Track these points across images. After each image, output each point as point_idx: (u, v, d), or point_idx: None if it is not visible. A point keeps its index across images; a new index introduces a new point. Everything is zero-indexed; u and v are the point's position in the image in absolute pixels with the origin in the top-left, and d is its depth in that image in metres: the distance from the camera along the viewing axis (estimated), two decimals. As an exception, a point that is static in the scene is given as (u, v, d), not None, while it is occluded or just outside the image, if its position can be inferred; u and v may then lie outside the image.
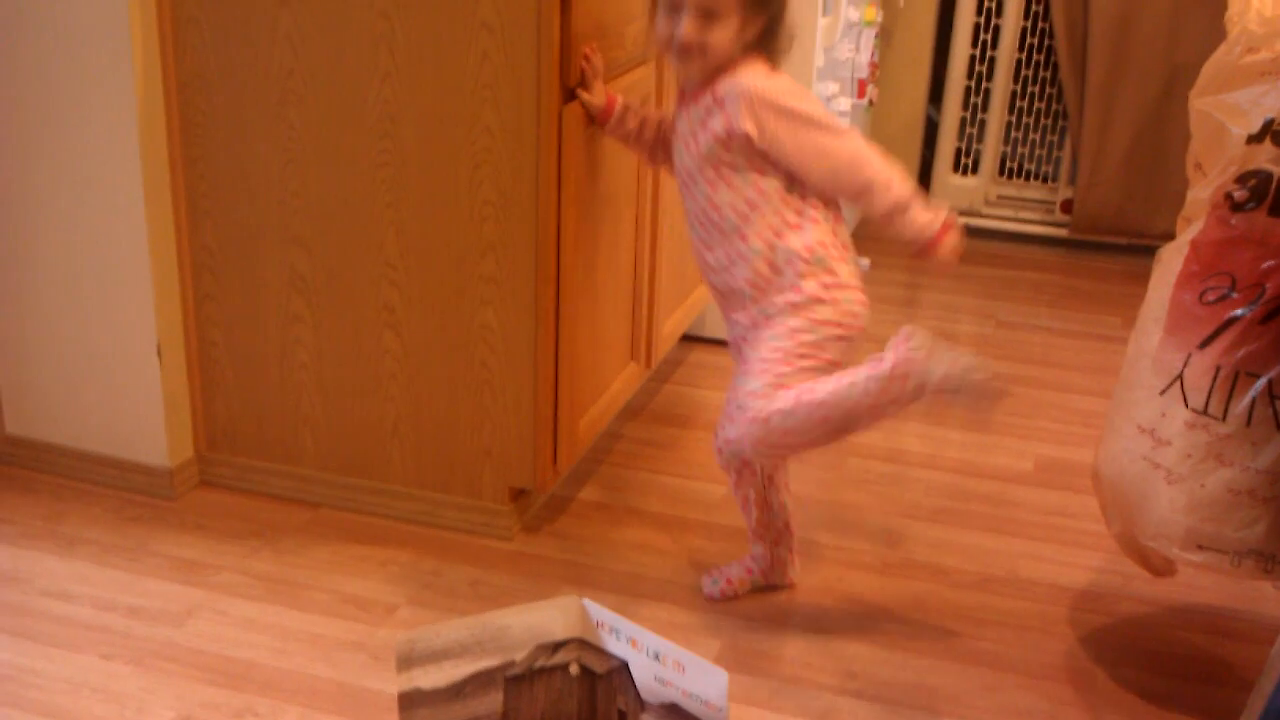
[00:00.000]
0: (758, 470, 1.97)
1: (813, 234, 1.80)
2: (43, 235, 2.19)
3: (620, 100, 2.00)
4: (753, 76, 1.77)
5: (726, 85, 1.77)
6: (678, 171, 1.87)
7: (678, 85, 1.90)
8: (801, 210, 1.81)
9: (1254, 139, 1.62)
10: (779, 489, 2.01)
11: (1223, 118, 1.67)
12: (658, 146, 2.02)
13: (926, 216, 1.80)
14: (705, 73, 1.78)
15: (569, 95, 1.97)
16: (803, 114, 1.76)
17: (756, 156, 1.78)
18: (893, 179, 1.78)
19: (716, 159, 1.79)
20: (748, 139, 1.76)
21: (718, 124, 1.78)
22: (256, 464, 2.28)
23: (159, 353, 2.19)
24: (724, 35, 1.74)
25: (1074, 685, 1.87)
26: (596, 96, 1.98)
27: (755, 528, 2.03)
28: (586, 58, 1.96)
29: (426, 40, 1.95)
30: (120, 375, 2.23)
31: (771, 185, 1.79)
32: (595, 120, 2.01)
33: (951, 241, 1.82)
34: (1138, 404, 1.75)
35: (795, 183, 1.80)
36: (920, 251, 1.82)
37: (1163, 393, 1.71)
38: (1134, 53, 3.54)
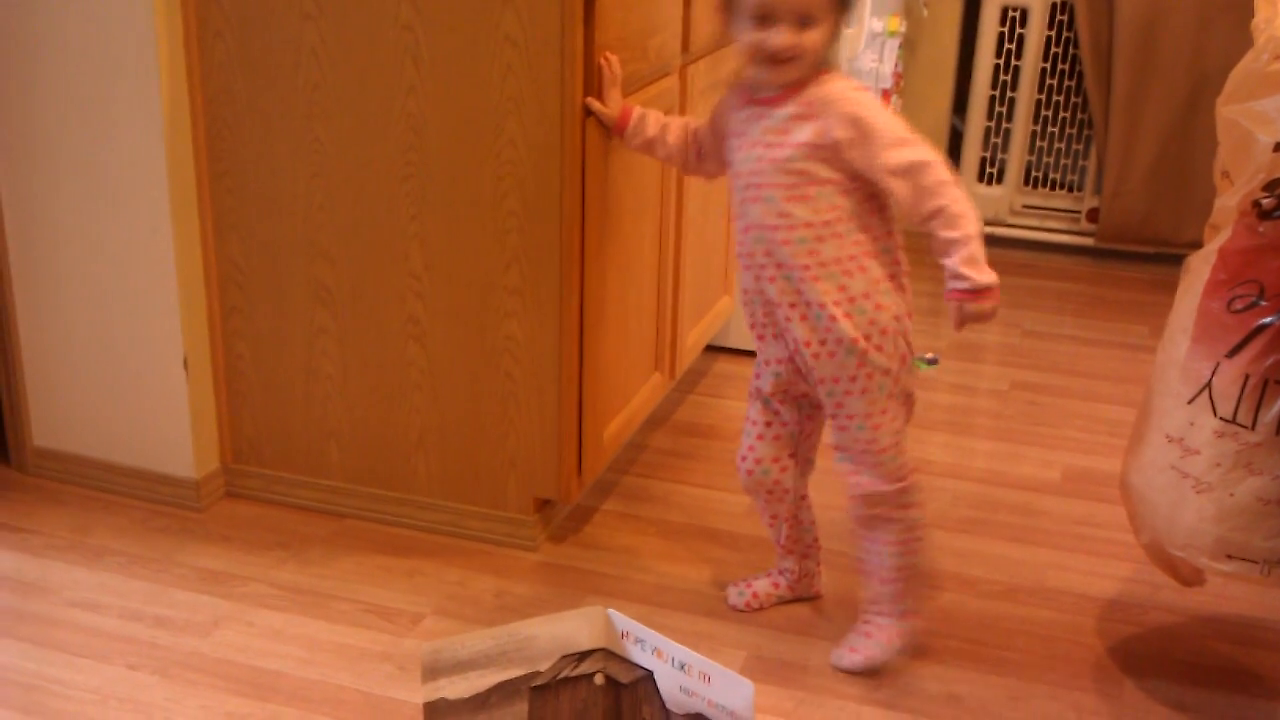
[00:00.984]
0: (790, 488, 1.97)
1: (882, 266, 1.77)
2: (70, 249, 2.20)
3: (637, 109, 1.98)
4: (844, 88, 1.73)
5: (817, 94, 1.72)
6: (738, 177, 1.80)
7: (739, 88, 1.82)
8: (875, 236, 1.77)
9: (1281, 146, 1.61)
10: (808, 505, 2.01)
11: (1250, 125, 1.66)
12: (690, 151, 1.96)
13: (979, 267, 1.72)
14: (798, 76, 1.72)
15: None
16: (892, 130, 1.71)
17: (840, 171, 1.72)
18: (967, 212, 1.72)
19: (798, 170, 1.73)
20: (837, 149, 1.71)
21: (806, 133, 1.72)
22: (282, 475, 2.29)
23: (186, 365, 2.20)
24: (818, 39, 1.70)
25: (1102, 695, 1.86)
26: (610, 105, 1.97)
27: (785, 544, 2.02)
28: (605, 58, 1.95)
29: (451, 54, 1.96)
30: (147, 387, 2.24)
31: (848, 206, 1.74)
32: (611, 131, 1.99)
33: (981, 309, 1.73)
34: (1166, 413, 1.75)
35: (868, 206, 1.76)
36: (952, 294, 1.74)
37: (1191, 401, 1.70)
38: (1159, 61, 3.52)
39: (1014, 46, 3.71)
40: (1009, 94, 3.76)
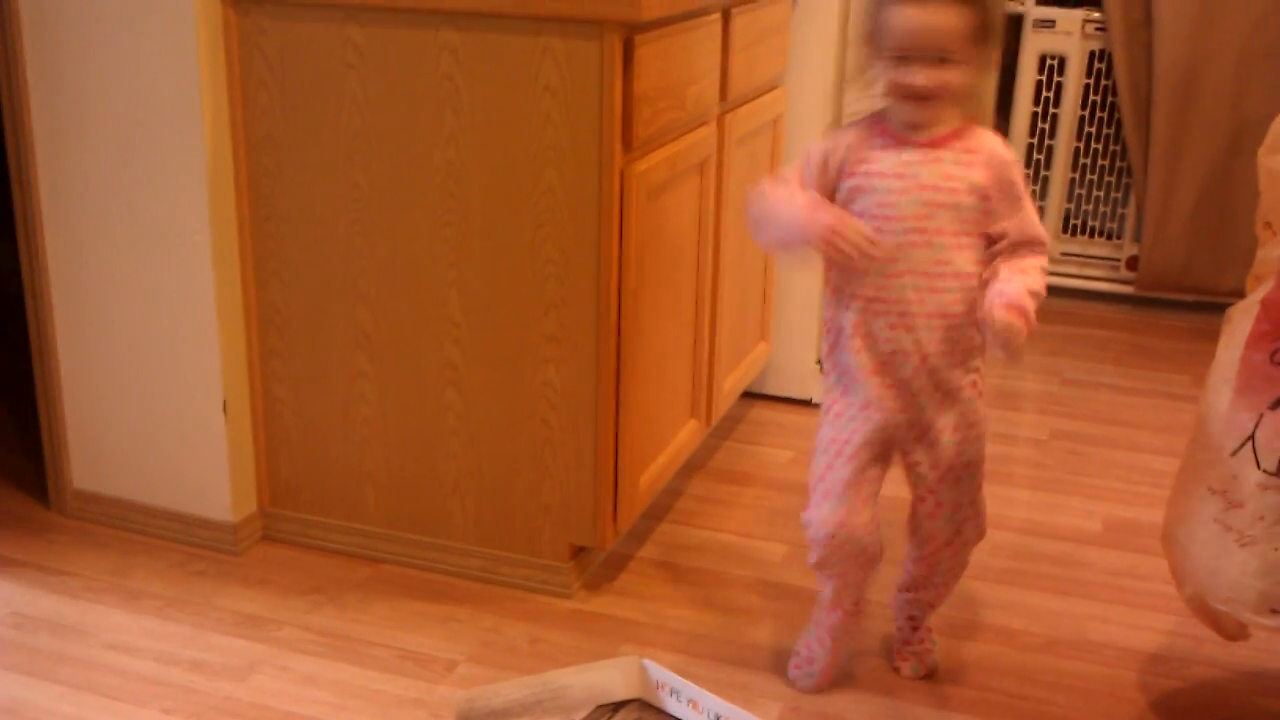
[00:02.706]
0: (877, 552, 1.86)
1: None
2: (112, 292, 2.23)
3: None
4: (997, 141, 1.76)
5: (983, 141, 1.74)
6: (895, 219, 1.73)
7: (874, 126, 1.77)
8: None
9: (1324, 196, 1.60)
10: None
11: (1292, 175, 1.65)
12: None
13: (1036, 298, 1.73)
14: (939, 115, 1.72)
15: (630, 154, 1.98)
16: (1025, 192, 1.76)
17: (985, 220, 1.73)
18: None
19: (970, 216, 1.73)
20: (991, 200, 1.72)
21: (977, 175, 1.72)
22: (319, 519, 2.30)
23: (225, 409, 2.22)
24: (959, 77, 1.69)
25: (1145, 752, 1.83)
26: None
27: (851, 609, 1.92)
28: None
29: (490, 103, 1.98)
30: (186, 431, 2.25)
31: (979, 253, 1.75)
32: None
33: (1011, 321, 1.66)
34: (1208, 465, 1.73)
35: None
36: (991, 300, 1.70)
37: (1234, 454, 1.68)
38: (1199, 108, 3.51)
39: (1052, 94, 3.71)
40: (1047, 141, 3.75)
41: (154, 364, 2.24)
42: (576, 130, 1.94)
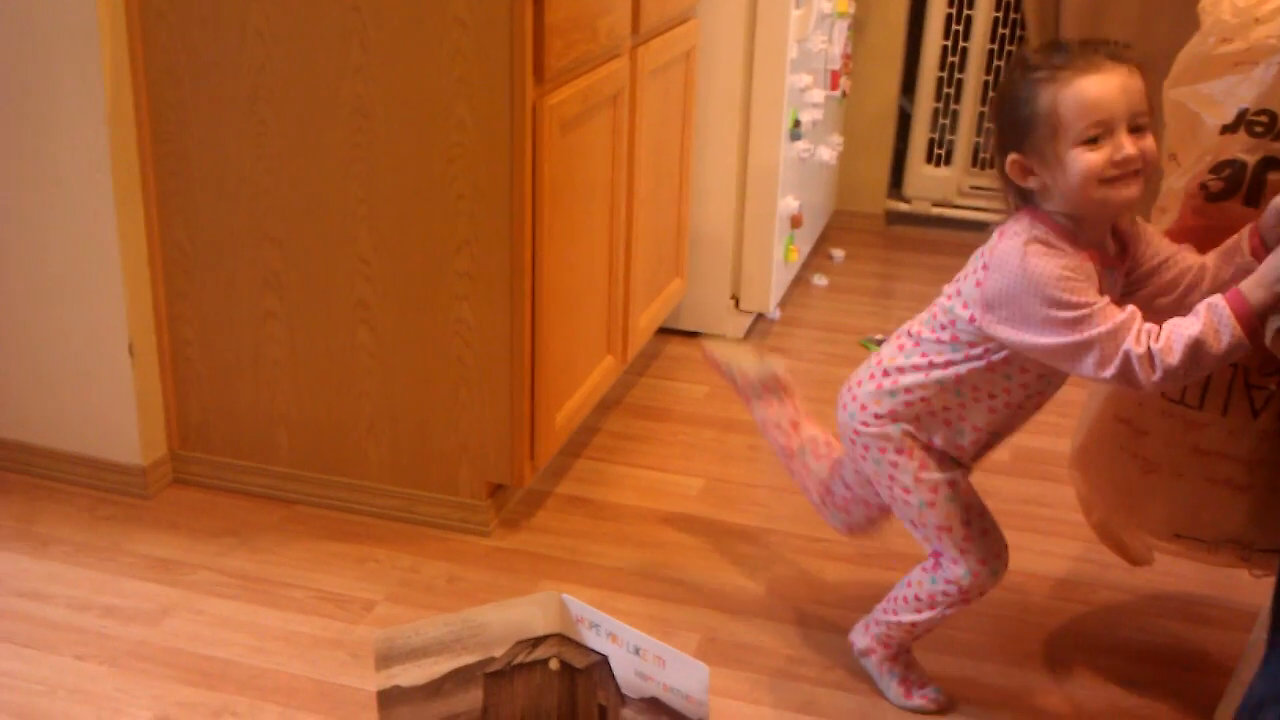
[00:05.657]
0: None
1: None
2: (12, 234, 2.17)
3: None
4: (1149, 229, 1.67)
5: (1140, 240, 1.63)
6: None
7: (1074, 246, 1.54)
8: None
9: (1228, 129, 1.62)
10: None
11: (1197, 108, 1.67)
12: None
13: None
14: (1141, 197, 1.52)
15: (542, 87, 1.96)
16: None
17: None
18: None
19: None
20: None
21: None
22: (231, 461, 2.27)
23: (131, 351, 2.17)
24: (1154, 145, 1.51)
25: (1052, 674, 1.88)
26: None
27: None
28: None
29: (398, 35, 1.94)
30: (92, 374, 2.21)
31: None
32: None
33: None
34: (1114, 394, 1.76)
35: None
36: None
37: (1139, 382, 1.72)
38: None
39: (961, 28, 3.73)
40: (957, 75, 3.77)
41: (56, 306, 2.19)
42: (487, 63, 1.92)
